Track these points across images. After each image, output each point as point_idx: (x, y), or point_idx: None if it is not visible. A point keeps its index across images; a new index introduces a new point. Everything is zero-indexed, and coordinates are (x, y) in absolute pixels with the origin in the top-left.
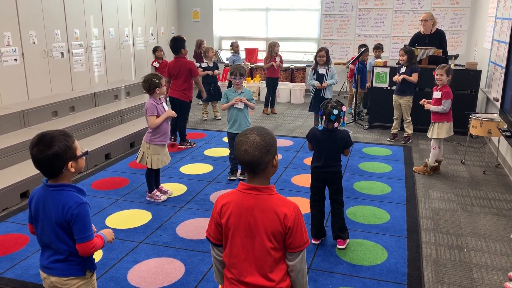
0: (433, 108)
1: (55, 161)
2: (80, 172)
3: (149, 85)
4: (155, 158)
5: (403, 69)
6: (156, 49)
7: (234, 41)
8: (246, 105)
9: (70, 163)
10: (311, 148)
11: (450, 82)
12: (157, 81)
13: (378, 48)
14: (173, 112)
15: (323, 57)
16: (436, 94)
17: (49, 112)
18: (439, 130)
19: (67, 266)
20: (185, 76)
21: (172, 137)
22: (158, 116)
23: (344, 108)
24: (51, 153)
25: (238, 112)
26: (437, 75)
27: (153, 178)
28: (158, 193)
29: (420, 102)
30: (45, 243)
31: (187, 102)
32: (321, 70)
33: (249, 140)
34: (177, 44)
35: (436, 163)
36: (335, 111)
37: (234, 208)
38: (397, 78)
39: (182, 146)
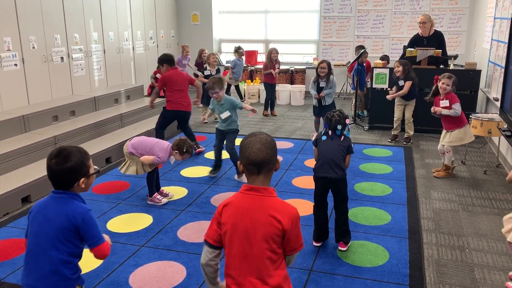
0: (444, 111)
1: (69, 175)
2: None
3: (178, 146)
4: (140, 165)
5: (401, 82)
6: None
7: (239, 46)
8: (233, 109)
9: (82, 179)
10: (317, 156)
11: (455, 91)
12: (184, 149)
13: (384, 59)
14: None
15: (324, 68)
16: (444, 103)
17: (50, 117)
18: (451, 138)
19: (55, 283)
20: (186, 86)
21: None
22: (158, 162)
23: (347, 121)
24: (67, 166)
25: (226, 119)
26: (443, 83)
27: (154, 181)
28: (159, 196)
29: (432, 110)
30: (34, 251)
31: (190, 111)
32: (322, 83)
33: (260, 139)
34: (170, 57)
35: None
36: (339, 127)
37: (234, 209)
38: (390, 97)
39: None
